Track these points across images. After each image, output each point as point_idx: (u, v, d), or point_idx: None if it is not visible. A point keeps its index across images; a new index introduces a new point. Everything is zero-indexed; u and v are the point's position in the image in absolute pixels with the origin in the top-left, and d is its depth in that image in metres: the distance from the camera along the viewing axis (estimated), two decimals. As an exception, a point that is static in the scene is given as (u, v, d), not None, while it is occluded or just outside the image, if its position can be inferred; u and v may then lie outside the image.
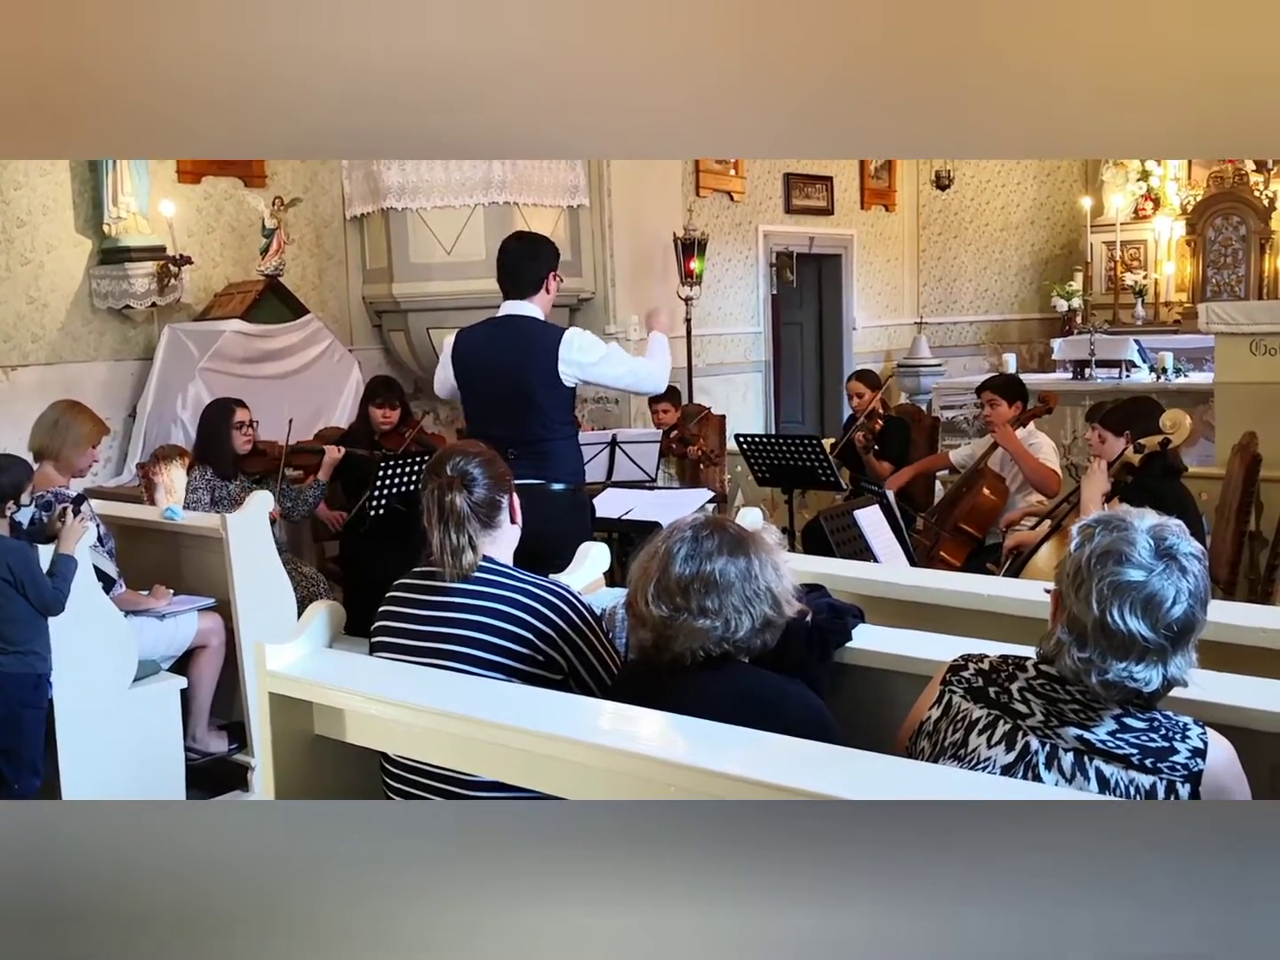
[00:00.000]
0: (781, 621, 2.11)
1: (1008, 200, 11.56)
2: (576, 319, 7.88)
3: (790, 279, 9.74)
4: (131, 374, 6.67)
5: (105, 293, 6.47)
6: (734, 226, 9.45)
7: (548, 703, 2.17)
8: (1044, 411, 5.50)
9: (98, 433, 4.42)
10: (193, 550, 4.51)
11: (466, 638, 2.38)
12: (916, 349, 10.72)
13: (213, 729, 4.43)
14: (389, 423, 5.62)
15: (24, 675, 3.65)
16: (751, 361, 9.65)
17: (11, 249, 6.22)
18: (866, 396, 6.14)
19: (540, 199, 7.45)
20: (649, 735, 1.94)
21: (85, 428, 4.34)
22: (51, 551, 3.69)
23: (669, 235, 8.22)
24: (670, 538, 2.11)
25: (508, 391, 3.76)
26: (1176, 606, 1.67)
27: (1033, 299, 11.62)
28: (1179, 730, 1.74)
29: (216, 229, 7.04)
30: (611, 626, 2.60)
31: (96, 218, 6.42)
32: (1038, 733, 1.76)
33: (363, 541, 5.33)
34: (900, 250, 11.26)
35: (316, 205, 7.52)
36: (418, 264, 7.37)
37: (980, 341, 11.62)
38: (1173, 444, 4.01)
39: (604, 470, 5.47)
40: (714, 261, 8.82)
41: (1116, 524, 1.73)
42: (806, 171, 10.08)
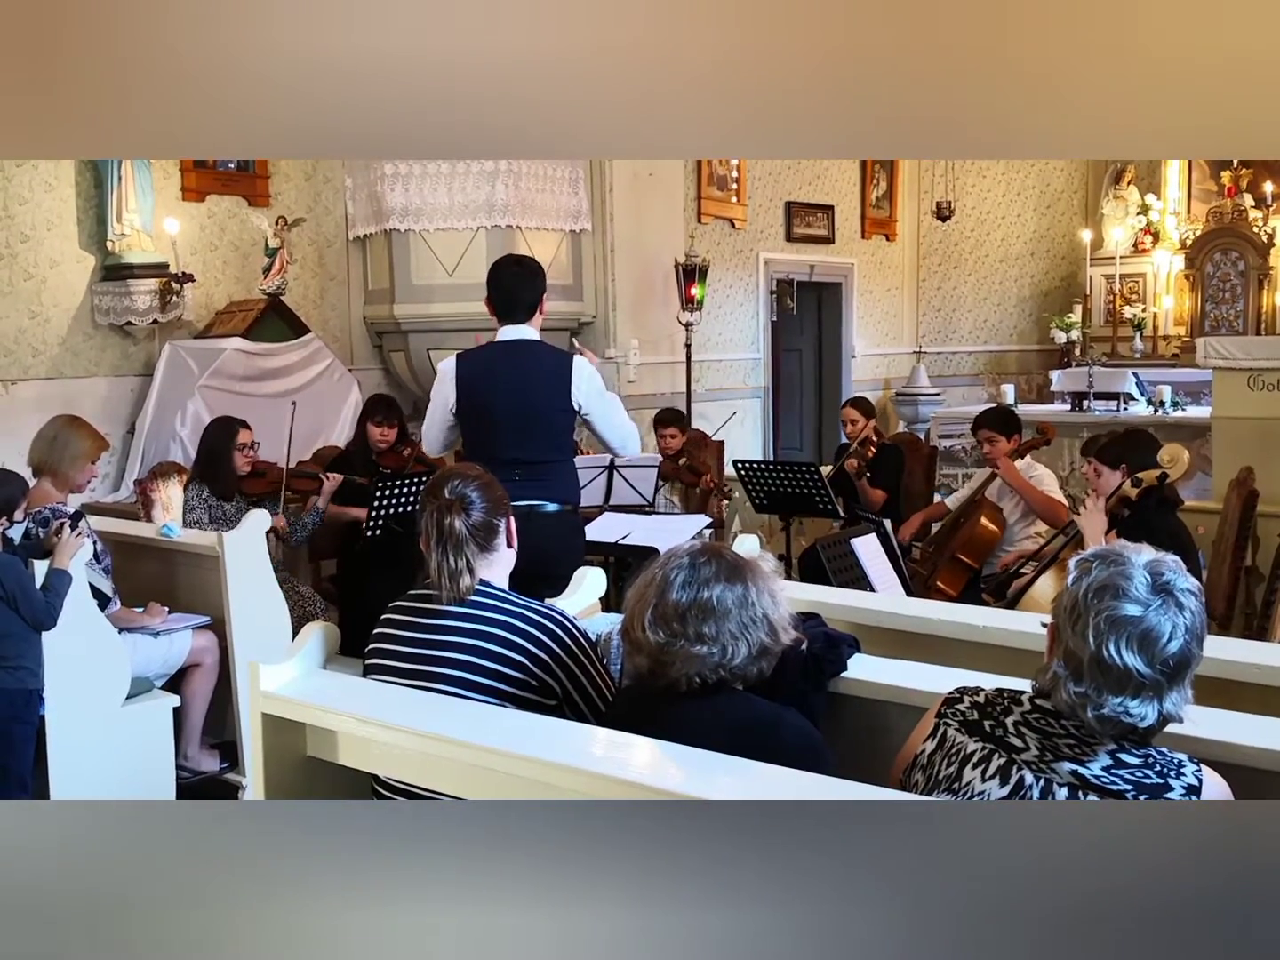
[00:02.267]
0: (778, 649, 2.11)
1: (1008, 232, 11.61)
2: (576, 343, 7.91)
3: (790, 306, 9.77)
4: (131, 390, 6.69)
5: (107, 309, 6.48)
6: (735, 253, 9.49)
7: (541, 728, 2.16)
8: (1042, 443, 5.51)
9: (97, 448, 4.39)
10: (188, 568, 4.50)
11: (461, 661, 2.38)
12: (915, 378, 10.76)
13: (204, 748, 4.41)
14: (386, 441, 5.63)
15: (15, 690, 3.64)
16: (751, 387, 9.67)
17: (15, 264, 6.24)
18: (860, 424, 6.15)
19: (542, 223, 7.49)
20: (642, 763, 1.94)
21: (85, 443, 4.32)
22: (46, 566, 3.68)
23: (670, 261, 8.25)
24: (667, 564, 2.10)
25: (519, 413, 3.78)
26: (1173, 642, 1.67)
27: (1031, 330, 11.66)
28: (1174, 767, 1.73)
29: (219, 247, 7.07)
30: (606, 652, 2.60)
31: (100, 234, 6.45)
32: (1032, 767, 1.75)
33: (358, 562, 5.32)
34: (900, 279, 11.31)
35: (320, 225, 7.55)
36: (419, 285, 7.40)
37: (979, 372, 11.65)
38: (1170, 478, 4.02)
39: (601, 494, 5.47)
40: (715, 287, 8.86)
41: (1114, 559, 1.73)
42: (808, 200, 10.14)
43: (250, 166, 7.18)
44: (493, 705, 2.33)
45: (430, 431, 4.04)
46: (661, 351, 8.42)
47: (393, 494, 5.09)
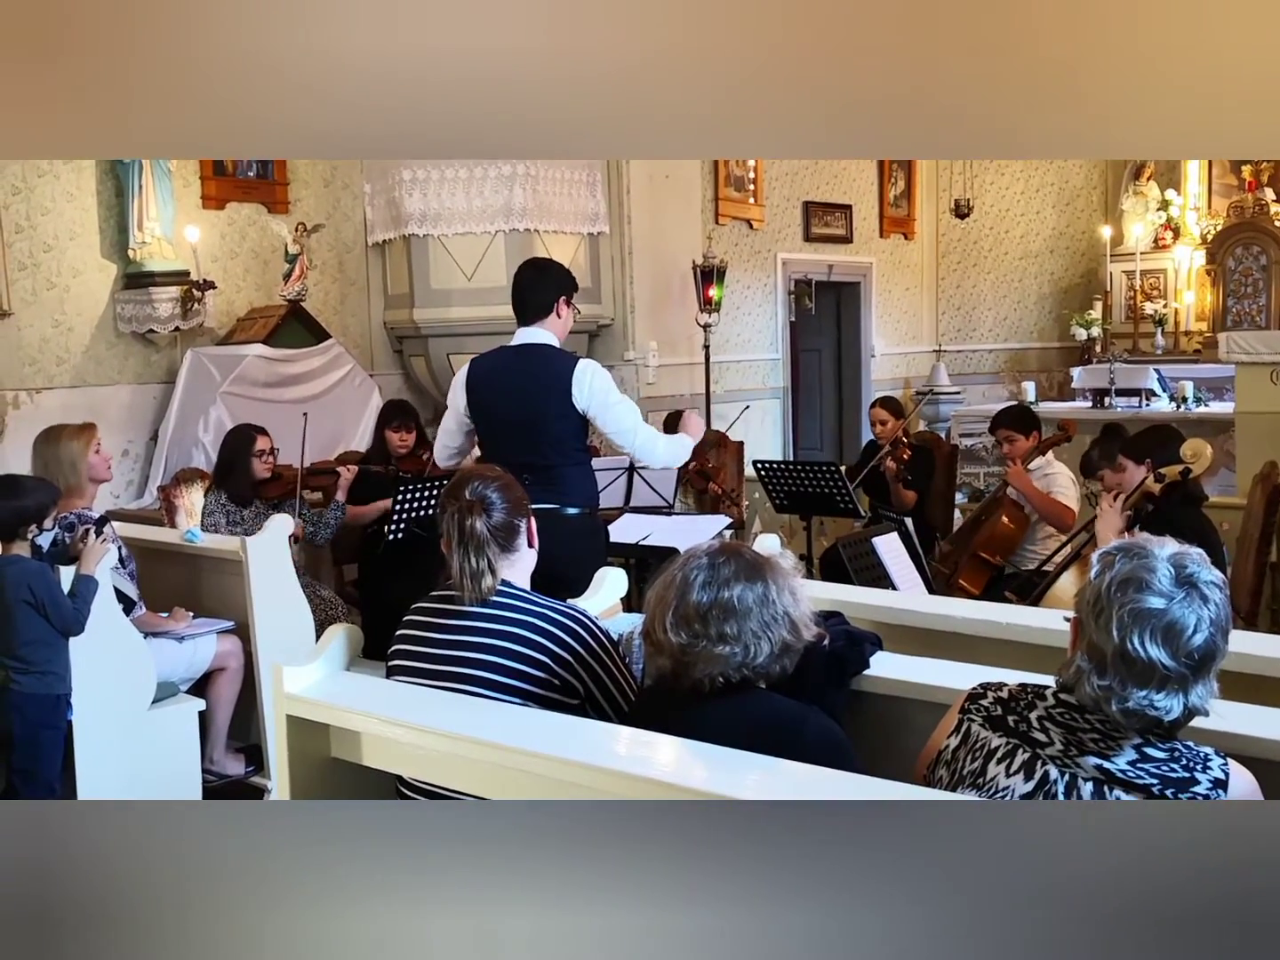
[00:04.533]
0: (800, 646, 2.11)
1: (1027, 229, 11.57)
2: (595, 345, 7.92)
3: (809, 306, 9.75)
4: (154, 397, 6.73)
5: (129, 317, 6.53)
6: (753, 254, 9.48)
7: (564, 727, 2.16)
8: (1063, 439, 5.47)
9: (86, 441, 4.15)
10: (212, 573, 4.53)
11: (484, 661, 2.39)
12: (935, 376, 10.72)
13: (230, 751, 4.43)
14: (405, 446, 5.65)
15: (43, 696, 3.67)
16: (770, 388, 9.66)
17: (38, 273, 6.30)
18: (890, 424, 6.10)
19: (560, 226, 7.50)
20: (666, 761, 1.94)
21: (72, 444, 4.11)
22: (73, 572, 3.71)
23: (688, 262, 8.25)
24: (687, 565, 2.10)
25: (522, 418, 3.77)
26: (1197, 634, 1.66)
27: (1052, 327, 11.61)
28: (1200, 761, 1.72)
29: (240, 254, 7.11)
30: (628, 652, 2.60)
31: (122, 243, 6.50)
32: (1057, 762, 1.74)
33: (380, 565, 5.34)
34: (919, 278, 11.28)
35: (339, 231, 7.59)
36: (439, 290, 7.42)
37: (999, 369, 11.61)
38: (1193, 473, 3.99)
39: (621, 495, 5.47)
40: (733, 289, 8.85)
41: (1137, 552, 1.72)
42: (825, 200, 10.12)
43: (269, 174, 7.22)
44: (515, 705, 2.33)
45: (440, 439, 4.03)
46: (680, 353, 8.41)
47: (414, 497, 5.10)
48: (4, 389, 6.21)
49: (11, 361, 6.23)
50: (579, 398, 3.75)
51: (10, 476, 3.89)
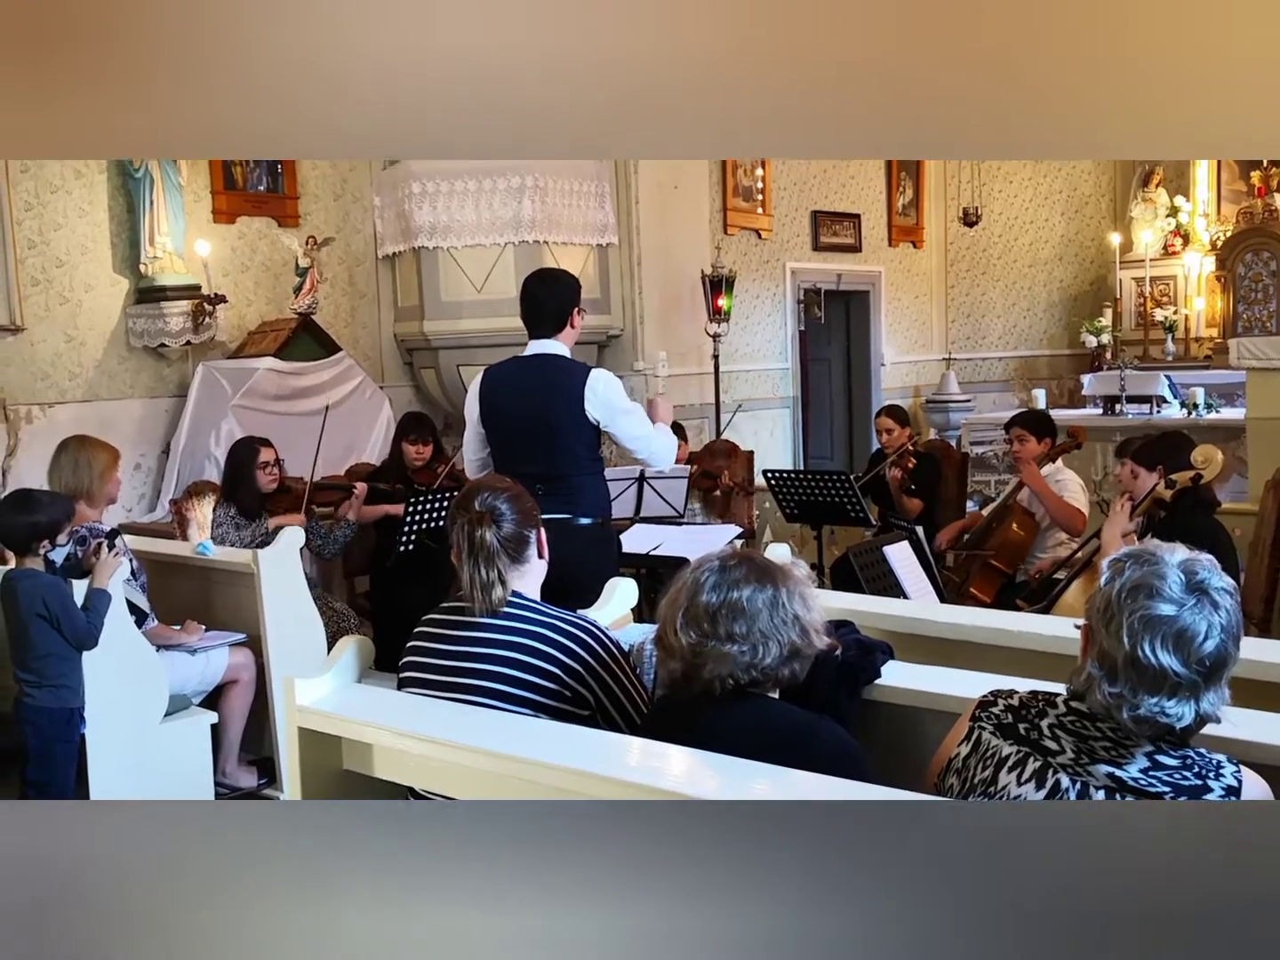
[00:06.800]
0: (810, 652, 2.11)
1: (1036, 236, 11.56)
2: (605, 356, 7.93)
3: (818, 315, 9.75)
4: (166, 411, 6.76)
5: (141, 331, 6.57)
6: (762, 264, 9.49)
7: (575, 738, 2.16)
8: (1073, 447, 5.46)
9: (114, 457, 4.35)
10: (224, 585, 4.55)
11: (495, 673, 2.39)
12: (945, 385, 10.71)
13: (242, 764, 4.44)
14: (422, 459, 5.66)
15: (57, 709, 3.68)
16: (780, 398, 9.66)
17: (51, 288, 6.33)
18: (896, 433, 6.10)
19: (570, 237, 7.52)
20: (678, 771, 1.94)
21: (104, 455, 4.28)
22: (85, 586, 3.72)
23: (697, 272, 8.26)
24: (698, 569, 2.11)
25: (535, 428, 3.78)
26: (1208, 641, 1.66)
27: (1061, 335, 11.59)
28: (1212, 768, 1.72)
29: (251, 268, 7.14)
30: (639, 662, 2.60)
31: (133, 257, 6.53)
32: (1068, 770, 1.74)
33: (392, 577, 5.35)
34: (928, 286, 11.27)
35: (349, 244, 7.62)
36: (449, 302, 7.44)
37: (1009, 377, 11.59)
38: (1205, 479, 3.98)
39: (632, 506, 5.48)
40: (742, 298, 8.86)
41: (1147, 558, 1.72)
42: (834, 209, 10.13)
43: (280, 187, 7.25)
44: (526, 716, 2.34)
45: (465, 453, 4.06)
46: (690, 363, 8.42)
47: (425, 508, 5.11)
48: (17, 403, 6.24)
49: (24, 376, 6.26)
50: (592, 407, 3.76)
51: (24, 491, 3.91)
